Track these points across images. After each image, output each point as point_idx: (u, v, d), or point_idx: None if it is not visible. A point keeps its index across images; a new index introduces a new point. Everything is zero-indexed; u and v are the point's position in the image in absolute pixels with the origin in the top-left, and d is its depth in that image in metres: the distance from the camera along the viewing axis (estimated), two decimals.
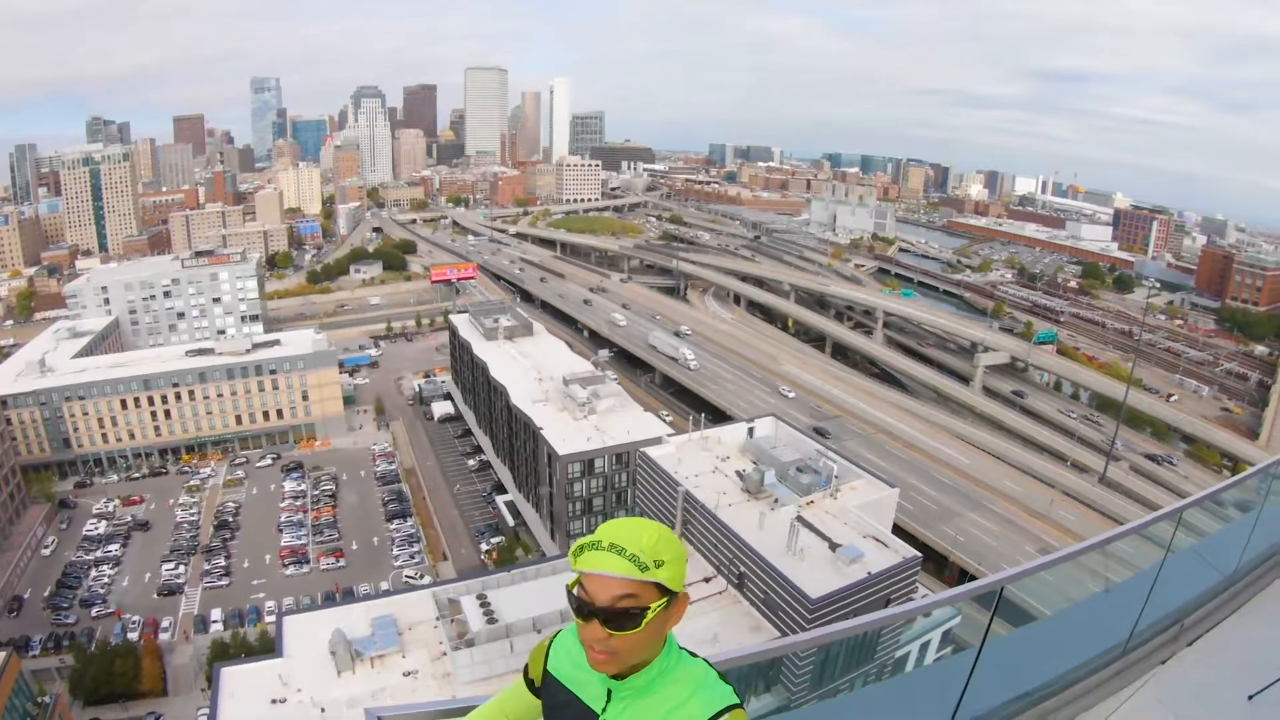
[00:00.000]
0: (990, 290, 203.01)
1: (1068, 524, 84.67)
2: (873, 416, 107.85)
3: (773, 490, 56.08)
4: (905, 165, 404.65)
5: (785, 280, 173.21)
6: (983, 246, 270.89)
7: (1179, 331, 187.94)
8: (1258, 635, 7.98)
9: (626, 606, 2.49)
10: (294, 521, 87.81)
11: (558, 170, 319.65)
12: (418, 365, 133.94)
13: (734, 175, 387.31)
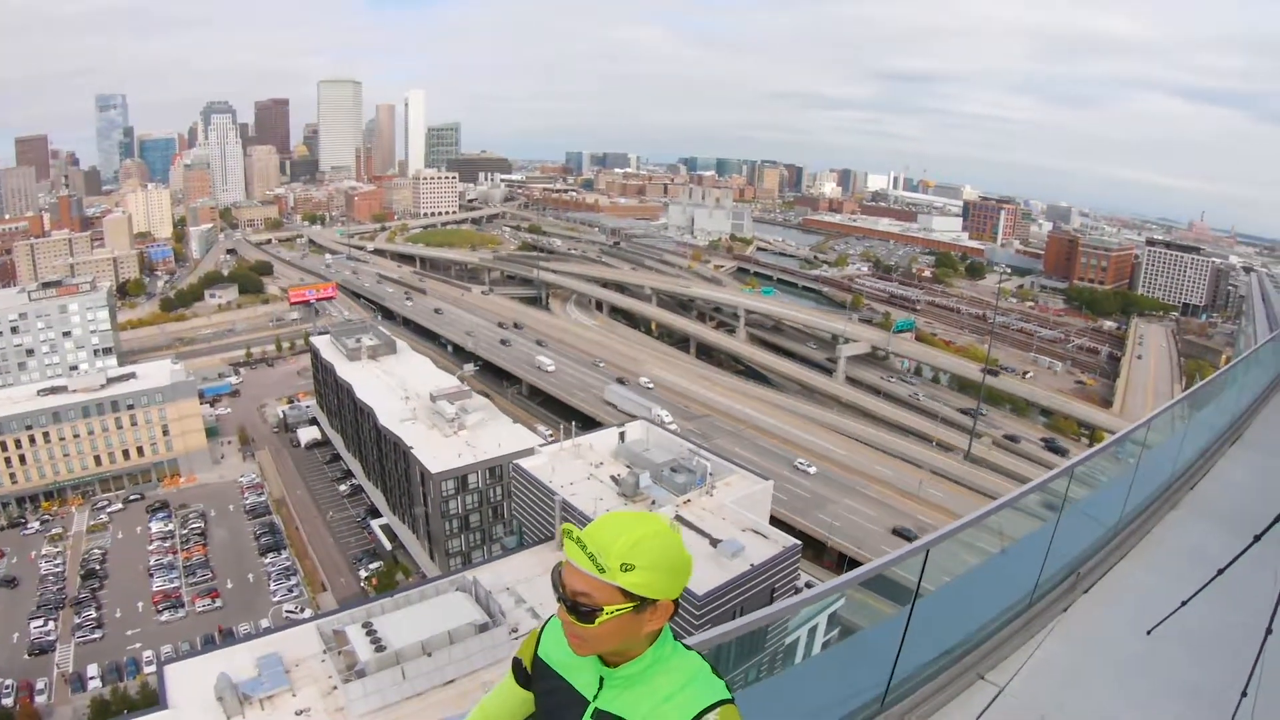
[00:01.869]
0: (848, 284, 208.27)
1: (938, 500, 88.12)
2: (741, 413, 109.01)
3: (649, 492, 56.38)
4: (760, 167, 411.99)
5: (646, 284, 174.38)
6: (838, 242, 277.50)
7: (1031, 312, 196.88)
8: (1146, 576, 8.70)
9: (580, 603, 2.45)
10: (164, 564, 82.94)
11: (414, 184, 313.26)
12: (281, 391, 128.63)
13: (591, 183, 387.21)
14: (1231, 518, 10.49)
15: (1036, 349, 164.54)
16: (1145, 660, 7.40)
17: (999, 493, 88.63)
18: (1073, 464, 7.49)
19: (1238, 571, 6.93)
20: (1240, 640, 7.04)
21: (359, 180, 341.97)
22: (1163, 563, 9.19)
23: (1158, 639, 7.35)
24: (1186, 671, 7.43)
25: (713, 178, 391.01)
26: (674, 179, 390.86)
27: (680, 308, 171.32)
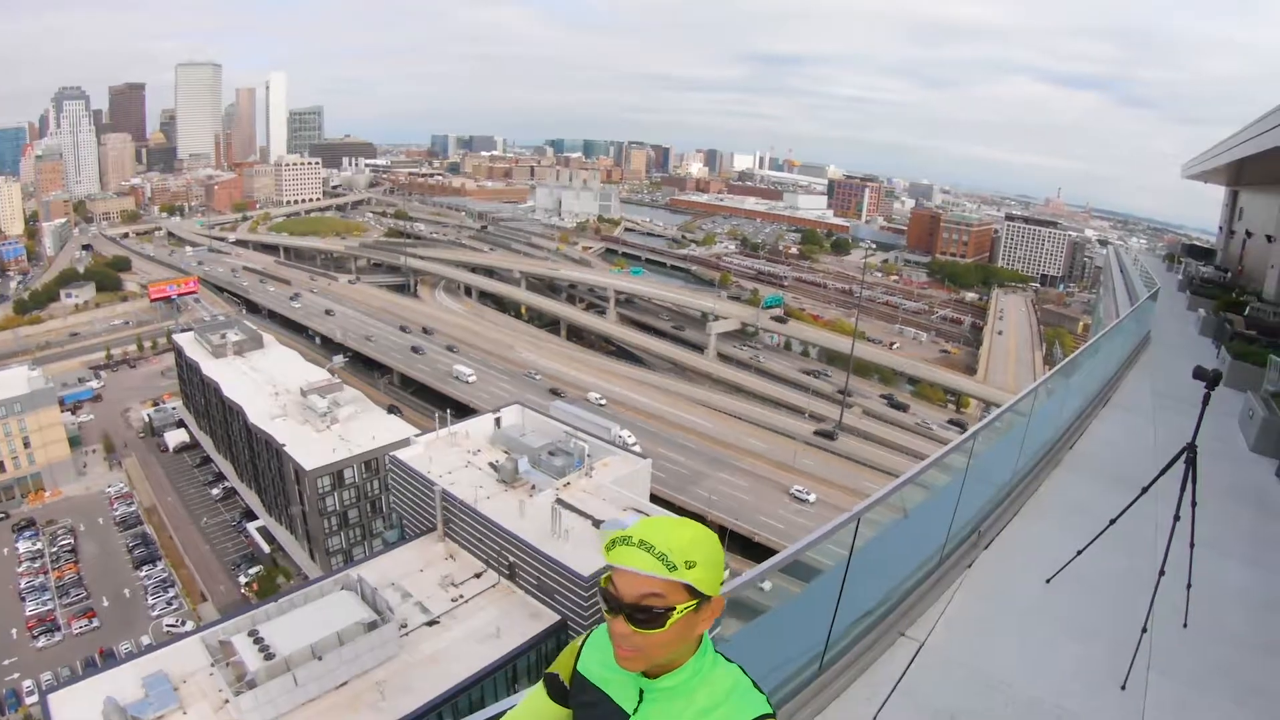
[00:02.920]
0: (716, 262, 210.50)
1: (812, 470, 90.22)
2: (614, 393, 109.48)
3: (528, 477, 56.39)
4: (628, 148, 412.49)
5: (515, 268, 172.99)
6: (706, 221, 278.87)
7: (895, 286, 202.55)
8: (1039, 530, 9.49)
9: (651, 605, 2.40)
10: (36, 586, 77.09)
11: (276, 170, 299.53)
12: (145, 393, 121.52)
13: (457, 166, 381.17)
14: (1107, 472, 11.83)
15: (902, 321, 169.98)
16: (1048, 607, 7.97)
17: (871, 460, 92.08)
18: (973, 431, 7.98)
19: (1123, 520, 7.70)
20: (1134, 583, 8.00)
21: (219, 168, 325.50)
22: (1052, 516, 10.00)
23: (1057, 587, 8.03)
24: (1087, 614, 8.05)
25: (580, 159, 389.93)
26: (541, 161, 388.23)
27: (550, 290, 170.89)
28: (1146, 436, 14.10)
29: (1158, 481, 7.49)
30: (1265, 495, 12.61)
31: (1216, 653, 7.70)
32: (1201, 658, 7.55)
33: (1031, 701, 6.69)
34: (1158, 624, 7.06)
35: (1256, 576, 9.45)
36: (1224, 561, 8.51)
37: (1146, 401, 16.71)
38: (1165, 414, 15.78)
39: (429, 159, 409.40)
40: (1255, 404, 15.06)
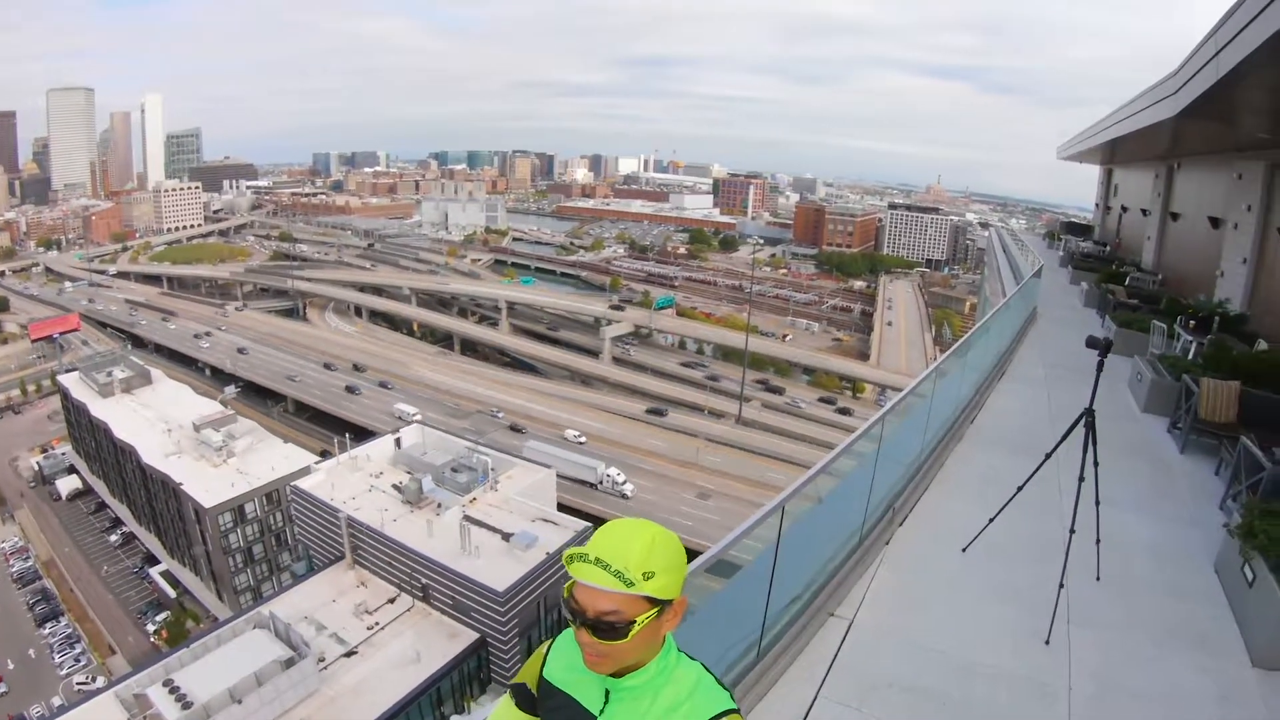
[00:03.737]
0: (606, 266, 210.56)
1: (716, 466, 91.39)
2: (512, 404, 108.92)
3: (434, 496, 56.07)
4: (512, 157, 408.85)
5: (405, 285, 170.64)
6: (593, 226, 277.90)
7: (785, 279, 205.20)
8: (949, 502, 10.14)
9: (612, 621, 2.43)
10: None
11: (155, 197, 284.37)
12: (33, 440, 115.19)
13: (341, 184, 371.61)
14: (1008, 441, 12.93)
15: (793, 313, 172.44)
16: (967, 574, 8.57)
17: (773, 451, 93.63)
18: (884, 412, 8.31)
19: (1029, 485, 8.40)
20: (1046, 544, 8.89)
21: (95, 197, 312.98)
22: (961, 488, 10.76)
23: (973, 554, 8.66)
24: (1005, 577, 8.63)
25: (464, 171, 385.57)
26: (425, 175, 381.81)
27: (441, 305, 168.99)
28: (1041, 405, 15.43)
29: (1060, 446, 8.07)
30: (1158, 451, 13.91)
31: (1129, 601, 8.42)
32: (1116, 607, 8.23)
33: (964, 664, 7.13)
34: (1073, 580, 7.66)
35: (1158, 527, 10.45)
36: (1127, 516, 9.11)
37: (1039, 372, 18.00)
38: (1058, 383, 17.18)
39: (312, 178, 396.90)
40: (1143, 367, 16.56)
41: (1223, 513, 11.13)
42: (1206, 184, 29.33)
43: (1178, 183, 34.17)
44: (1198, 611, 8.40)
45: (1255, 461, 10.59)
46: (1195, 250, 29.77)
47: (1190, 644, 7.79)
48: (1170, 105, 19.07)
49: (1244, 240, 23.31)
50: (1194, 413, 13.79)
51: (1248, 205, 23.10)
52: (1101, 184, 53.16)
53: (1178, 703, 6.87)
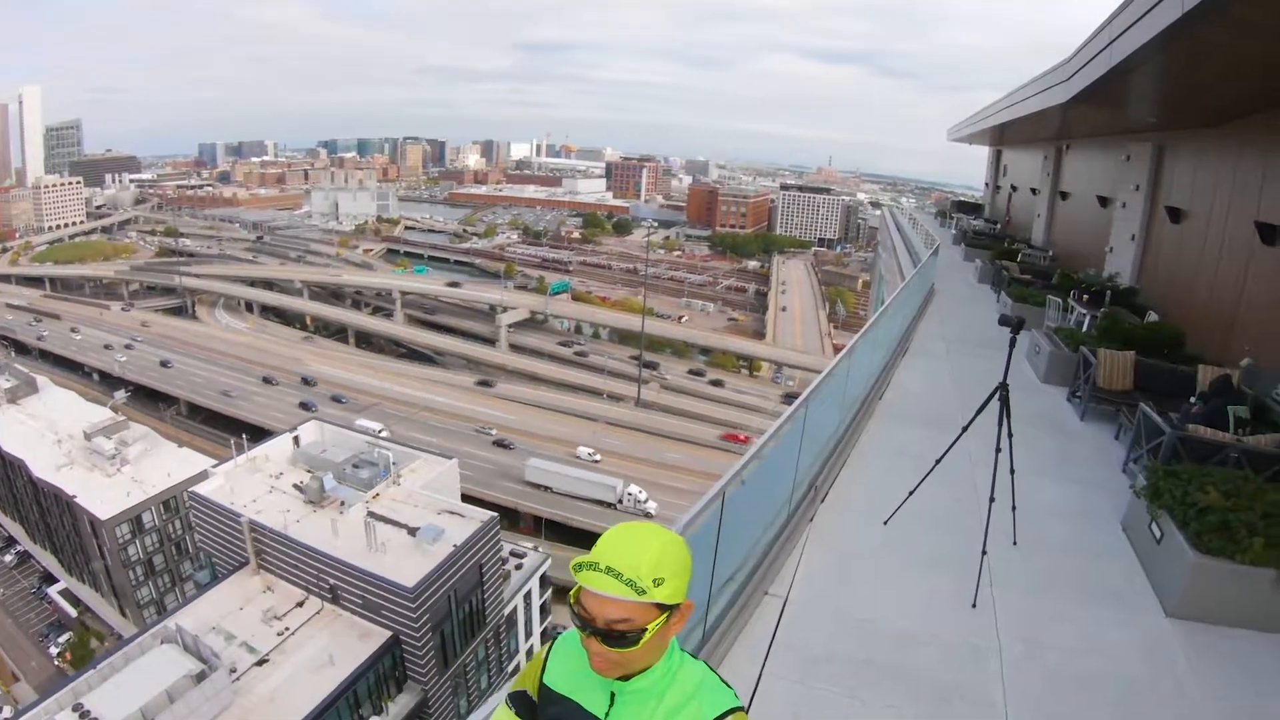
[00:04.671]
0: (500, 253, 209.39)
1: (616, 449, 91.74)
2: (411, 396, 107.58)
3: (336, 494, 54.43)
4: (403, 144, 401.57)
5: (296, 278, 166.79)
6: (486, 213, 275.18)
7: (679, 261, 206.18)
8: (865, 476, 10.40)
9: (624, 630, 2.41)
10: None
11: (35, 194, 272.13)
12: None
13: (228, 175, 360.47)
14: (916, 415, 13.34)
15: (688, 294, 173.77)
16: (891, 545, 8.79)
17: (674, 432, 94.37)
18: (807, 393, 8.34)
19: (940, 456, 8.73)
20: (965, 512, 9.39)
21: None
22: (876, 463, 11.05)
23: (895, 526, 8.94)
24: (928, 546, 8.91)
25: (354, 159, 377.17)
26: (315, 164, 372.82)
27: (334, 298, 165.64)
28: (945, 379, 16.07)
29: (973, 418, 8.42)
30: (1060, 419, 14.61)
31: (1046, 563, 8.83)
32: (1035, 570, 8.62)
33: (898, 633, 7.37)
34: (993, 546, 7.94)
35: (1066, 491, 11.01)
36: (1037, 481, 9.46)
37: (940, 347, 18.63)
38: (958, 357, 17.84)
39: (198, 169, 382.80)
40: (1041, 340, 17.29)
41: (1126, 475, 11.80)
42: (1095, 165, 30.49)
43: (1066, 163, 35.41)
44: (1111, 569, 8.92)
45: (1154, 426, 11.26)
46: (1084, 227, 30.92)
47: (1107, 600, 8.27)
48: (1063, 91, 19.81)
49: (1133, 218, 24.35)
50: (1092, 382, 14.55)
51: (1136, 185, 24.14)
52: (991, 164, 54.66)
53: (1101, 655, 7.26)
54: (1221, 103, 17.65)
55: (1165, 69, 15.08)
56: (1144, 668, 7.19)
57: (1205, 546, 7.99)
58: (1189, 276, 20.18)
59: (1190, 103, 18.59)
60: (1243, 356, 15.09)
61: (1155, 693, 6.84)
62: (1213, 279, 18.55)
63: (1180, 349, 17.12)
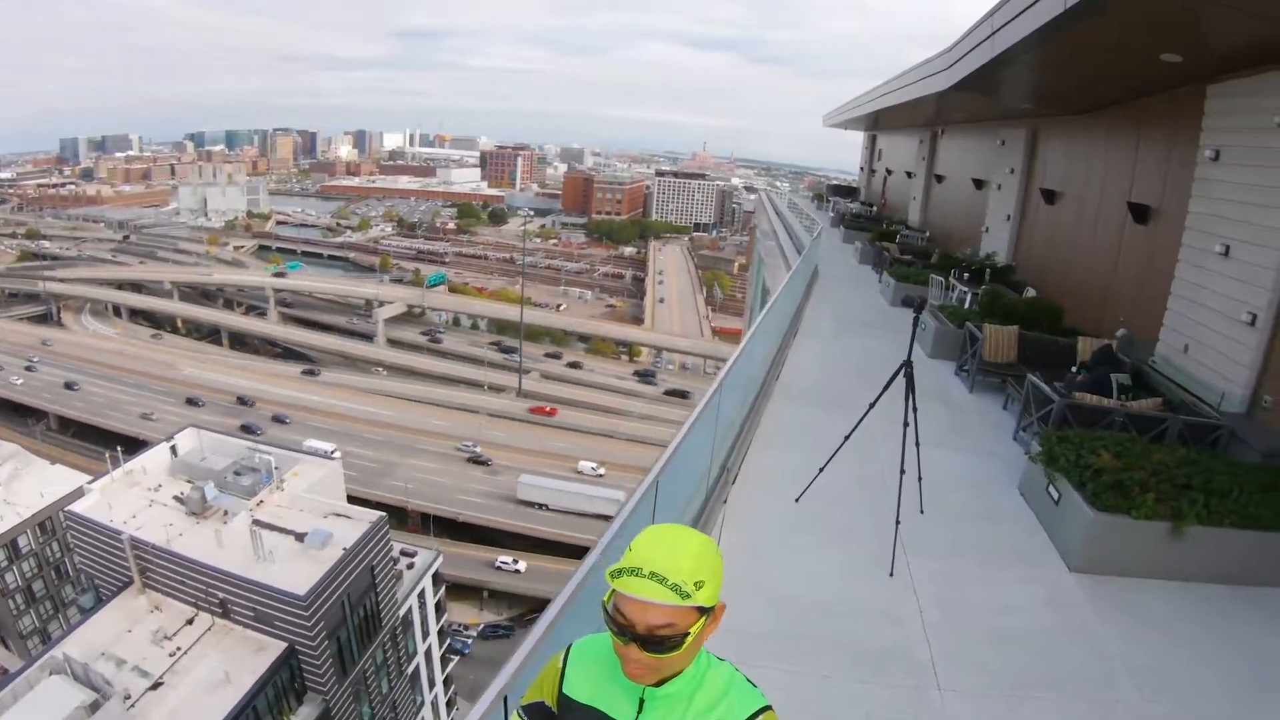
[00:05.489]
0: (374, 247, 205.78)
1: (499, 440, 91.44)
2: (288, 397, 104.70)
3: (218, 503, 52.14)
4: (273, 136, 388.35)
5: (165, 279, 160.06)
6: (359, 206, 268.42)
7: (556, 249, 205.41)
8: (770, 456, 10.55)
9: (667, 635, 2.32)
10: None
11: None
12: None
13: (91, 172, 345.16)
14: (811, 394, 13.73)
15: (566, 282, 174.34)
16: (804, 522, 8.95)
17: (557, 421, 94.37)
18: (720, 378, 8.27)
19: (841, 431, 8.95)
20: (871, 486, 9.73)
21: None
22: (778, 442, 11.20)
23: (806, 504, 9.09)
24: (841, 520, 9.12)
25: (223, 152, 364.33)
26: (182, 158, 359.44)
27: (205, 298, 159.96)
28: (836, 359, 16.52)
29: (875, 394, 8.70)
30: (951, 392, 15.27)
31: (953, 529, 9.19)
32: (943, 536, 8.95)
33: (822, 605, 7.53)
34: (904, 515, 8.23)
35: (964, 460, 11.48)
36: (936, 452, 9.46)
37: (828, 328, 19.11)
38: (847, 338, 18.36)
39: (59, 166, 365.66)
40: (926, 317, 17.70)
41: (1017, 443, 12.46)
42: (970, 149, 31.58)
43: (942, 148, 36.54)
44: (1014, 531, 9.46)
45: (1043, 395, 11.99)
46: (960, 209, 31.99)
47: (1013, 560, 8.77)
48: (945, 79, 20.48)
49: (1008, 199, 25.35)
50: (979, 356, 15.28)
51: (1011, 169, 25.14)
52: (867, 149, 55.89)
53: (1013, 612, 7.71)
54: (1096, 92, 18.58)
55: (1045, 61, 15.86)
56: (1054, 619, 7.66)
57: (1102, 505, 8.57)
58: (1064, 254, 21.16)
59: (1066, 92, 19.51)
60: (1118, 327, 15.99)
61: (1067, 641, 7.30)
62: (1088, 256, 19.51)
63: (1059, 322, 18.01)
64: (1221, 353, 12.78)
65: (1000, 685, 6.56)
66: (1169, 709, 6.45)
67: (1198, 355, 13.48)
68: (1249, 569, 8.64)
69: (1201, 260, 13.58)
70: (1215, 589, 8.45)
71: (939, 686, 6.44)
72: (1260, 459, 10.49)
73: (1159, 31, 12.00)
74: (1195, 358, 13.54)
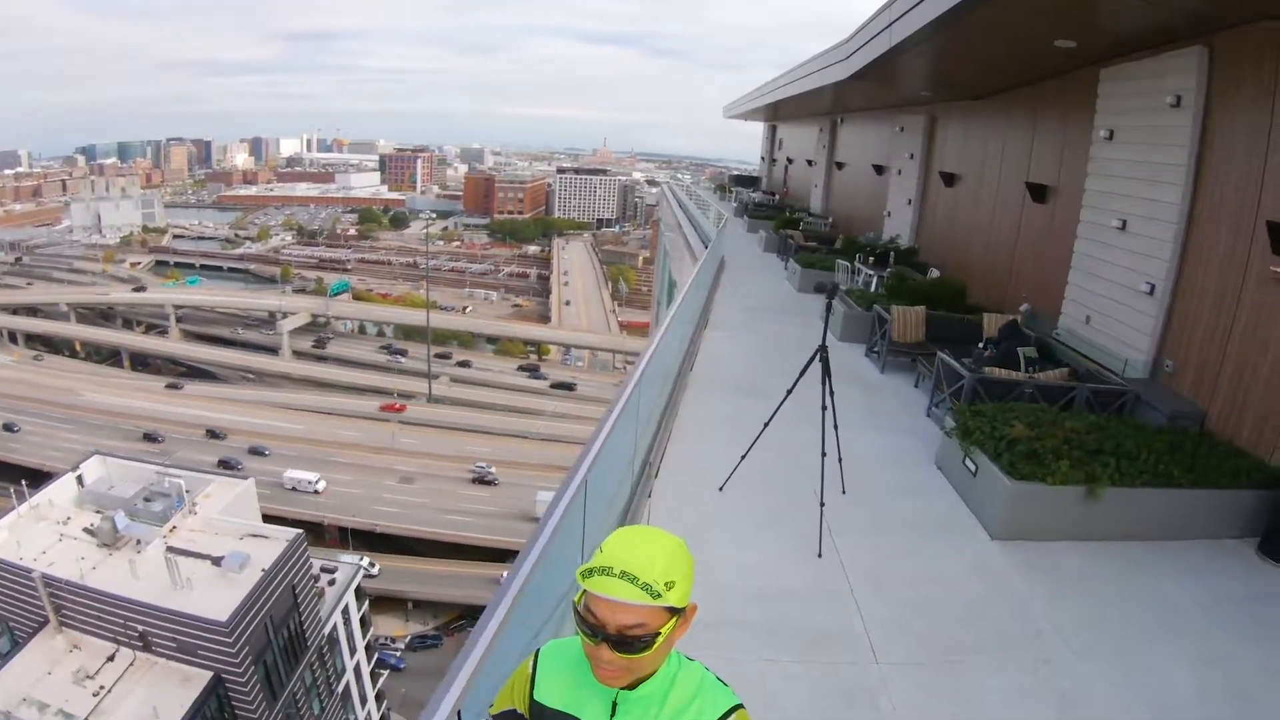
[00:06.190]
0: (275, 257, 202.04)
1: (413, 448, 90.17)
2: (194, 417, 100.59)
3: (130, 532, 50.53)
4: (166, 146, 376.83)
5: (61, 300, 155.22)
6: (258, 215, 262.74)
7: (459, 251, 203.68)
8: (689, 447, 10.60)
9: (638, 635, 2.31)
10: None
11: None
12: None
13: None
14: (725, 383, 13.95)
15: (470, 284, 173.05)
16: (730, 510, 9.04)
17: (469, 424, 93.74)
18: (638, 375, 8.13)
19: (758, 417, 9.15)
20: (793, 469, 9.75)
21: None
22: (698, 432, 11.29)
23: (731, 492, 9.23)
24: (766, 506, 9.23)
25: (115, 165, 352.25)
26: (73, 173, 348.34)
27: (103, 318, 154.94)
28: (748, 347, 16.73)
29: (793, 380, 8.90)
30: (863, 373, 15.62)
31: (876, 506, 9.46)
32: (867, 514, 9.19)
33: (756, 590, 7.58)
34: (827, 497, 8.42)
35: (879, 439, 11.72)
36: (852, 433, 9.53)
37: (738, 317, 19.34)
38: (758, 325, 18.64)
39: None
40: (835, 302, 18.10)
41: (931, 419, 12.87)
42: (870, 136, 32.27)
43: (842, 136, 37.26)
44: (934, 504, 9.78)
45: (954, 372, 12.42)
46: (861, 194, 32.64)
47: (936, 532, 9.04)
48: (844, 69, 20.86)
49: (908, 184, 25.96)
50: (888, 337, 15.70)
51: (910, 153, 25.75)
52: (767, 139, 56.57)
53: (941, 581, 7.99)
54: (992, 78, 19.18)
55: (942, 49, 16.33)
56: (981, 586, 7.95)
57: (1018, 474, 8.94)
58: (966, 234, 21.75)
59: (963, 78, 20.08)
60: (1021, 303, 16.53)
61: (995, 606, 7.60)
62: (988, 235, 20.09)
63: (963, 301, 18.49)
64: (1123, 322, 13.37)
65: (936, 653, 6.78)
66: (1098, 664, 6.77)
67: (1100, 325, 14.09)
68: (1161, 525, 9.19)
69: (1100, 235, 14.15)
70: (1131, 546, 8.90)
71: (877, 660, 6.63)
72: (1165, 421, 11.13)
73: (1055, 19, 12.51)
74: (1098, 328, 14.15)
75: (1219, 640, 7.34)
